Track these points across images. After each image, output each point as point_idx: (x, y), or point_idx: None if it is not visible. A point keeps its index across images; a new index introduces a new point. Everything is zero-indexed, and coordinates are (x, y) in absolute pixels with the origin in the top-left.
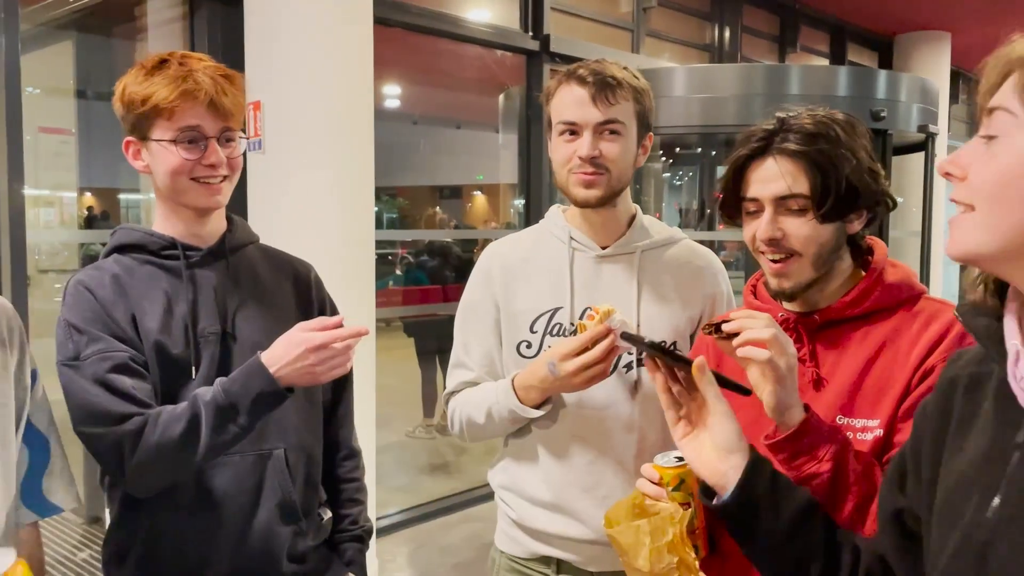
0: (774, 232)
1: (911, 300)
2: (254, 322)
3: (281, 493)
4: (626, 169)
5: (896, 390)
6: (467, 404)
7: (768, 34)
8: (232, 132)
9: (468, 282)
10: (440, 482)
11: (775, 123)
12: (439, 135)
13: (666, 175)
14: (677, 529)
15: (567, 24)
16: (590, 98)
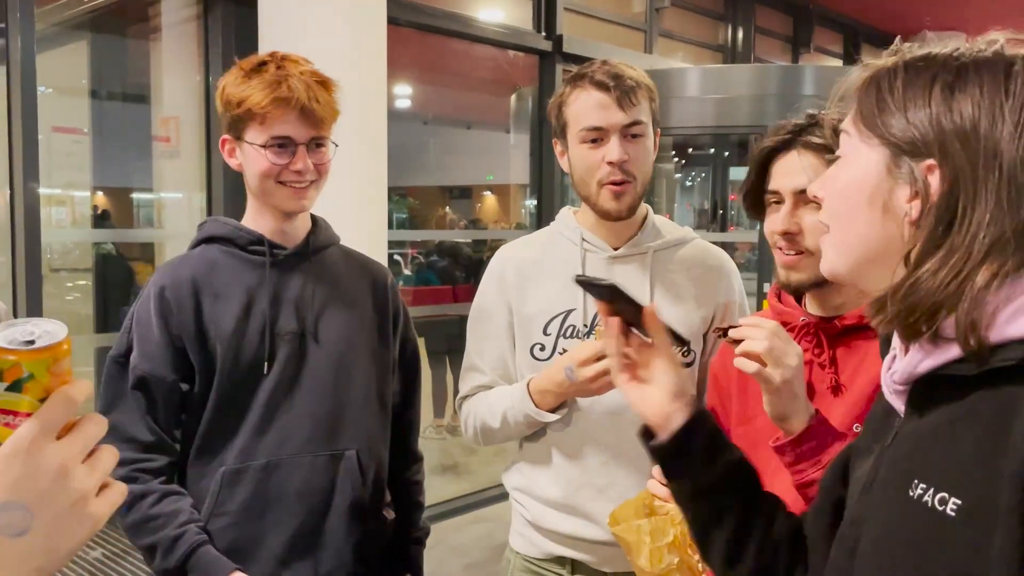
0: (790, 225)
1: None
2: (333, 323)
3: (352, 493)
4: (649, 172)
5: None
6: (481, 408)
7: (781, 35)
8: (322, 139)
9: (480, 286)
10: (450, 483)
11: (806, 118)
12: (450, 135)
13: (678, 176)
14: (678, 530)
15: (580, 24)
16: (615, 101)
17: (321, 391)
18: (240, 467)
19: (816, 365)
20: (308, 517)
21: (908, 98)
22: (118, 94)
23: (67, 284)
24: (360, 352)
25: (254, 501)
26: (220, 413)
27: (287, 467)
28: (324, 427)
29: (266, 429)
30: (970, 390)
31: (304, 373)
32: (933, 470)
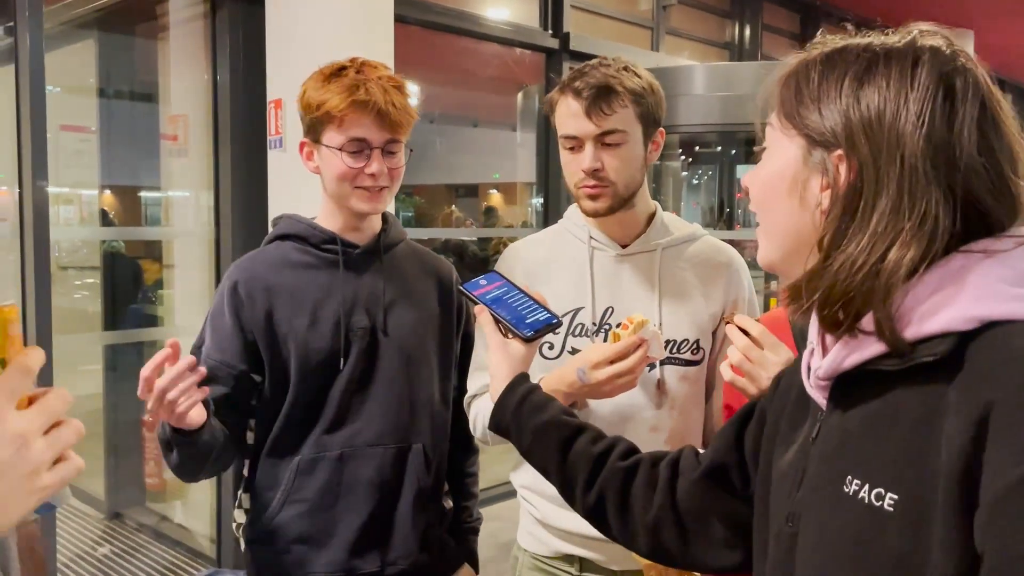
0: None
1: None
2: (402, 319)
3: (419, 484)
4: (632, 175)
5: None
6: (485, 413)
7: (788, 32)
8: (397, 143)
9: None
10: None
11: None
12: (456, 134)
13: (685, 174)
14: None
15: (587, 22)
16: (584, 111)
17: (392, 385)
18: (316, 456)
19: None
20: (378, 506)
21: (822, 90)
22: (126, 92)
23: (75, 282)
24: (428, 348)
25: (328, 490)
26: (297, 407)
27: (360, 458)
28: (395, 420)
29: (342, 422)
30: (894, 385)
31: (377, 368)
32: (866, 466)
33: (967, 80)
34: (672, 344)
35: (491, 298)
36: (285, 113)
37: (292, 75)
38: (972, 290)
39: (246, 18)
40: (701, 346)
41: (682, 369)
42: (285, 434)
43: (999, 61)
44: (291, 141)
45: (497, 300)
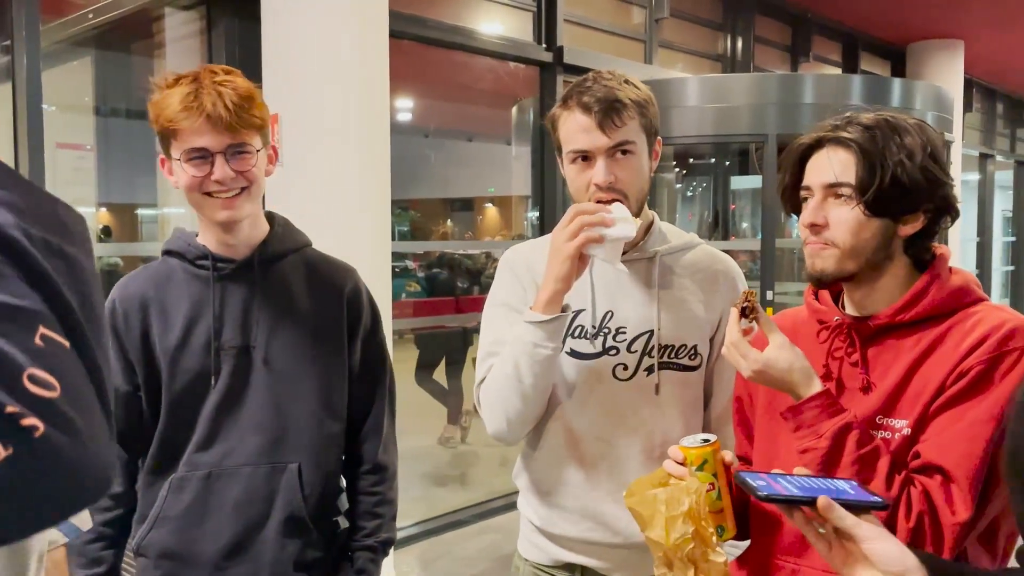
0: (817, 217)
1: (968, 305)
2: (280, 335)
3: (292, 505)
4: (642, 186)
5: (932, 388)
6: (495, 372)
7: (780, 44)
8: (243, 146)
9: (496, 280)
10: (456, 493)
11: (841, 119)
12: (451, 148)
13: (679, 186)
14: (692, 499)
15: (580, 36)
16: (597, 125)
17: (265, 404)
18: (186, 475)
19: (847, 363)
20: (246, 527)
21: None
22: (122, 110)
23: None
24: (309, 364)
25: (194, 509)
26: (170, 426)
27: (228, 478)
28: (267, 440)
29: (212, 441)
30: None
31: (249, 386)
32: None
33: None
34: (670, 349)
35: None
36: (281, 128)
37: (288, 91)
38: None
39: (242, 34)
40: (699, 352)
41: (680, 374)
42: (161, 453)
43: (989, 70)
44: (288, 157)
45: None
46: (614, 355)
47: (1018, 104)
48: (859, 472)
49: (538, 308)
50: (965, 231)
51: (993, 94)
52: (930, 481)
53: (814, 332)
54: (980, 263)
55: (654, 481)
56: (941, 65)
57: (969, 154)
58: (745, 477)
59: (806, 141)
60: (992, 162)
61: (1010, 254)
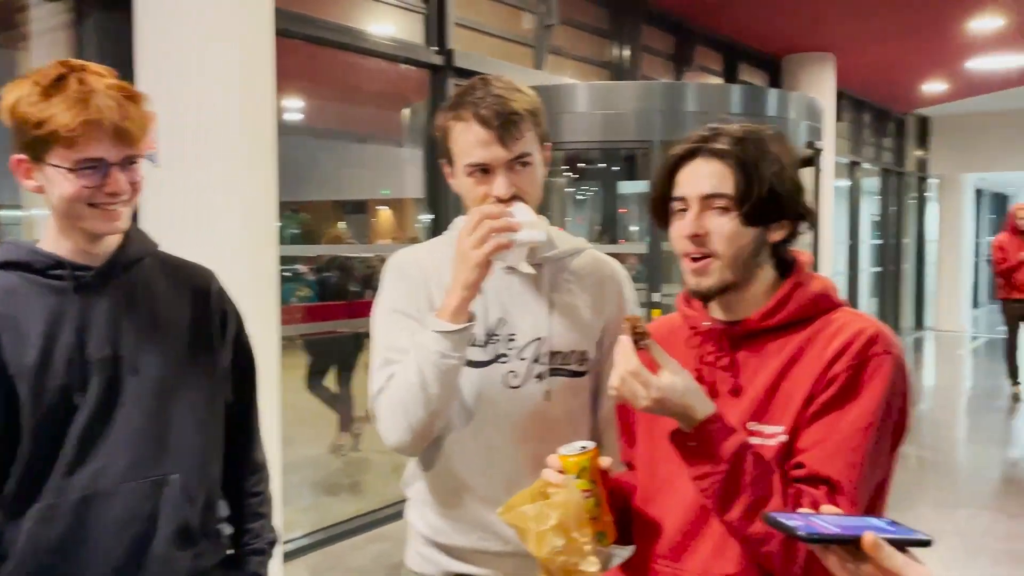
0: (697, 228)
1: (828, 311)
2: (150, 341)
3: (177, 519)
4: (539, 194)
5: (801, 395)
6: (396, 381)
7: (665, 53)
8: (136, 156)
9: (384, 286)
10: (347, 502)
11: (708, 130)
12: (343, 149)
13: (571, 190)
14: (560, 512)
15: (471, 39)
16: (497, 139)
17: (140, 415)
18: (54, 503)
19: (718, 368)
20: (132, 547)
21: None
22: None
23: None
24: (183, 368)
25: (70, 538)
26: (33, 451)
27: (104, 499)
28: (145, 452)
29: (82, 461)
30: None
31: (121, 398)
32: None
33: None
34: (560, 356)
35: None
36: (156, 127)
37: (165, 89)
38: None
39: (113, 29)
40: (588, 356)
41: (570, 380)
42: (20, 483)
43: (859, 83)
44: (165, 156)
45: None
46: (504, 362)
47: (883, 115)
48: (758, 491)
49: (445, 316)
50: (837, 234)
51: (861, 105)
52: (817, 492)
53: (686, 338)
54: (851, 264)
55: (533, 492)
56: (814, 77)
57: (840, 162)
58: (778, 518)
59: (678, 152)
60: (860, 169)
61: (878, 256)
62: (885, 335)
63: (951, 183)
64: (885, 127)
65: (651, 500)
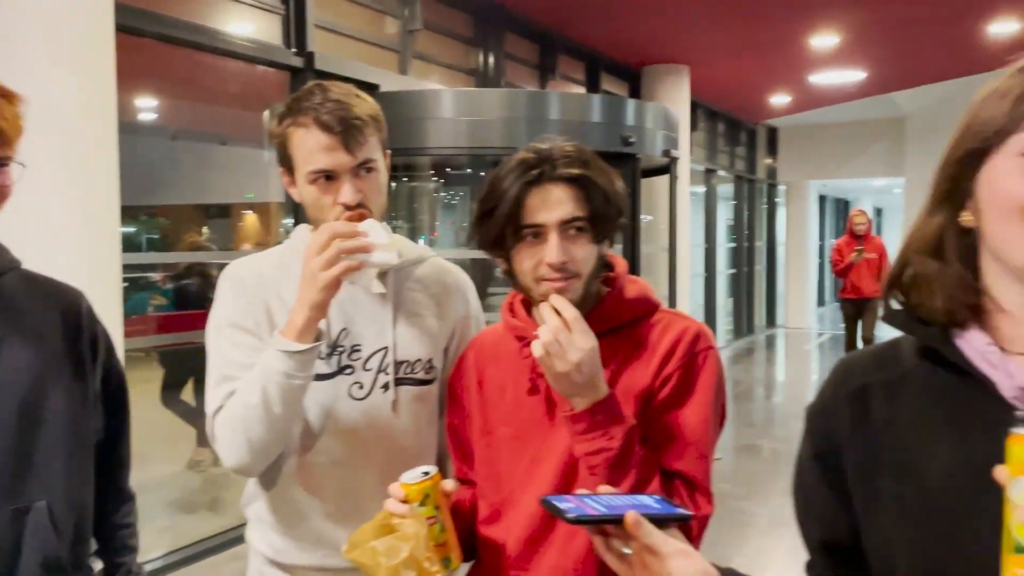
0: (564, 256)
1: (648, 313)
2: (15, 361)
3: (44, 551)
4: (384, 201)
5: (639, 394)
6: (237, 400)
7: (530, 62)
8: (7, 159)
9: (220, 298)
10: (206, 520)
11: (537, 153)
12: (203, 151)
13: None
14: (411, 545)
15: (333, 42)
16: (342, 144)
17: (3, 439)
18: None
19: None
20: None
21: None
22: None
23: None
24: (50, 390)
25: None
26: None
27: None
28: (6, 479)
29: None
30: None
31: None
32: None
33: None
34: (406, 365)
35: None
36: None
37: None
38: None
39: None
40: (434, 365)
41: (416, 389)
42: None
43: (713, 94)
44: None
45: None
46: (349, 374)
47: (735, 125)
48: (643, 472)
49: (291, 335)
50: (694, 238)
51: (715, 115)
52: (670, 485)
53: (516, 348)
54: (708, 266)
55: (376, 525)
56: (670, 87)
57: (696, 169)
58: (552, 501)
59: (525, 180)
60: (715, 176)
61: (733, 258)
62: (706, 332)
63: (797, 189)
64: (738, 136)
65: (495, 515)
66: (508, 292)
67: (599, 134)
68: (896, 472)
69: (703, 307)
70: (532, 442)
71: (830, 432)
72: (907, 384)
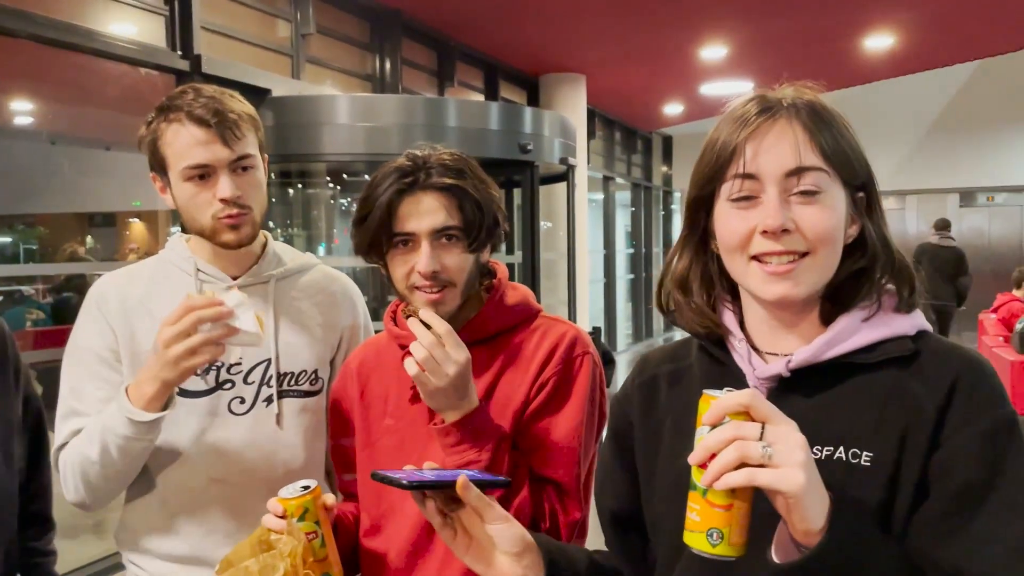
0: (436, 265)
1: (530, 318)
2: None
3: None
4: (264, 200)
5: (517, 401)
6: (80, 444)
7: (427, 68)
8: None
9: (77, 322)
10: (89, 544)
11: (412, 160)
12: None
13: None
14: (287, 563)
15: (221, 45)
16: (218, 137)
17: None
18: None
19: None
20: None
21: (849, 139)
22: None
23: None
24: None
25: None
26: None
27: None
28: None
29: None
30: (856, 373)
31: None
32: (835, 436)
33: None
34: (290, 376)
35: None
36: None
37: None
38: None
39: None
40: (320, 376)
41: (301, 400)
42: None
43: (609, 103)
44: None
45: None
46: (229, 389)
47: (631, 133)
48: (514, 478)
49: (139, 403)
50: (592, 243)
51: (612, 124)
52: (543, 491)
53: (399, 357)
54: (607, 272)
55: (253, 542)
56: (567, 96)
57: (594, 176)
58: (384, 473)
59: (396, 188)
60: (613, 183)
61: (631, 264)
62: (583, 337)
63: None
64: (634, 144)
65: (377, 527)
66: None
67: (497, 141)
68: (668, 452)
69: (603, 312)
70: (414, 451)
71: (624, 416)
72: (687, 375)
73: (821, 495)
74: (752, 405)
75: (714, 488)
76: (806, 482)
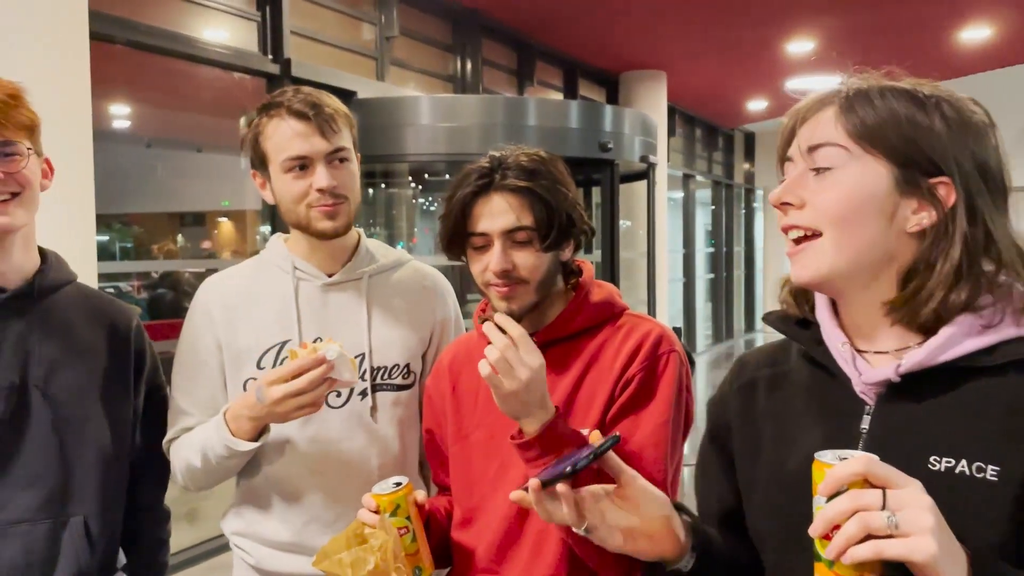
0: (506, 264)
1: (615, 317)
2: (63, 375)
3: (78, 563)
4: (358, 193)
5: (602, 399)
6: (184, 449)
7: (507, 68)
8: (10, 144)
9: (185, 322)
10: (184, 532)
11: (490, 162)
12: (178, 159)
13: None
14: (379, 557)
15: (309, 49)
16: (316, 130)
17: (45, 450)
18: None
19: None
20: None
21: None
22: None
23: None
24: (94, 406)
25: None
26: None
27: (1, 539)
28: (49, 492)
29: None
30: (977, 377)
31: (27, 431)
32: (956, 445)
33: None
34: (383, 371)
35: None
36: None
37: None
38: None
39: None
40: (412, 370)
41: (394, 394)
42: None
43: (690, 100)
44: None
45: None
46: None
47: (713, 130)
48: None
49: (241, 434)
50: (672, 243)
51: (693, 121)
52: None
53: None
54: (686, 272)
55: (348, 536)
56: (648, 93)
57: (674, 175)
58: (548, 470)
59: (471, 190)
60: (693, 182)
61: (711, 263)
62: (669, 335)
63: None
64: (715, 141)
65: (468, 519)
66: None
67: (577, 140)
68: (770, 457)
69: (682, 312)
70: (503, 447)
71: (723, 420)
72: (788, 379)
73: (957, 556)
74: (870, 472)
75: (841, 562)
76: (938, 550)
